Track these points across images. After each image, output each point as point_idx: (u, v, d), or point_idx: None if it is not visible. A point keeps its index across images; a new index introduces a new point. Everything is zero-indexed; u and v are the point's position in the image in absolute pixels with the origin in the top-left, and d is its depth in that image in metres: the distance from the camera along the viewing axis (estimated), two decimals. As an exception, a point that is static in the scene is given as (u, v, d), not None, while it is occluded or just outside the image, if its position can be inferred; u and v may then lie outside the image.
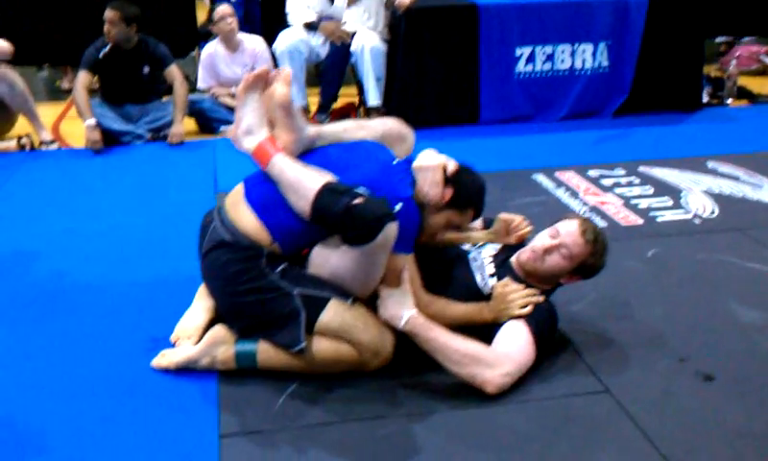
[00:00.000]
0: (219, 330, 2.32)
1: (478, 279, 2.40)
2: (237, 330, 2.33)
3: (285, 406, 2.17)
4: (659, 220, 3.49)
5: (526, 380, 2.24)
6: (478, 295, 2.37)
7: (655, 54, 5.19)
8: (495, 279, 2.39)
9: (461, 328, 2.24)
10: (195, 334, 2.43)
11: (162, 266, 3.06)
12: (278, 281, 2.21)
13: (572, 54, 5.16)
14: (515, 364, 2.20)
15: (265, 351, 2.26)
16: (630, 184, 3.95)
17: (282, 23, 5.31)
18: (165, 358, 2.34)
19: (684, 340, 2.50)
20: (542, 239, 2.38)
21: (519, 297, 2.31)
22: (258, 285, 2.21)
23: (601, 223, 3.43)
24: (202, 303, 2.56)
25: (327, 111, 5.19)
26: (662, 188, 3.88)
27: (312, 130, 2.35)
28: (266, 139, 2.27)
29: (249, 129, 2.29)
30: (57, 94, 6.20)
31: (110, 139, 4.71)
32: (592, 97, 5.22)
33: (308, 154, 2.33)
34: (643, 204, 3.68)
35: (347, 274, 2.20)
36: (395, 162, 2.33)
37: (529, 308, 2.29)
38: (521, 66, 5.10)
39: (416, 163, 2.34)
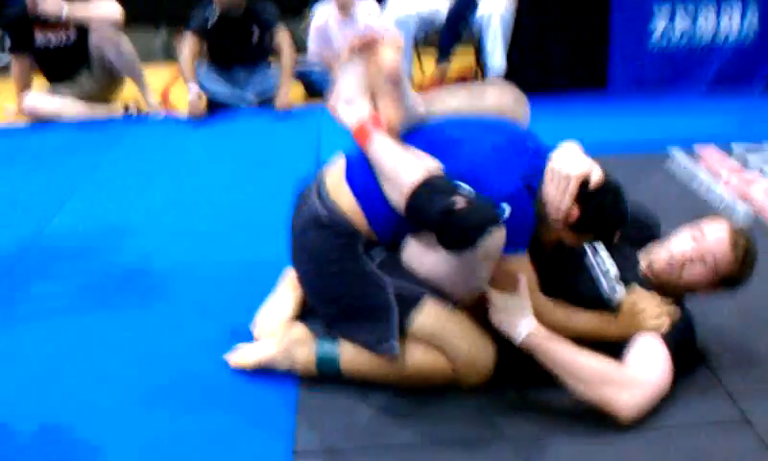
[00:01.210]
0: (300, 330, 2.10)
1: (603, 284, 2.04)
2: (323, 319, 2.10)
3: (369, 422, 1.92)
4: (814, 214, 3.01)
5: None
6: (603, 305, 2.02)
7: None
8: (623, 285, 2.04)
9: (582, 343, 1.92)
10: (277, 330, 2.21)
11: (256, 246, 2.86)
12: (374, 270, 1.97)
13: (717, 15, 4.61)
14: (652, 387, 1.87)
15: (349, 356, 2.01)
16: (781, 169, 3.45)
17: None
18: (242, 356, 2.13)
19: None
20: (682, 244, 2.00)
21: (652, 310, 1.96)
22: (352, 269, 1.98)
23: (743, 218, 2.98)
24: (287, 294, 2.35)
25: (447, 57, 4.84)
26: (819, 175, 3.37)
27: (422, 104, 2.08)
28: (368, 117, 2.00)
29: (349, 99, 2.04)
30: (174, 56, 6.13)
31: (217, 104, 4.58)
32: (739, 66, 4.66)
33: (415, 132, 2.05)
34: (796, 193, 3.19)
35: (444, 279, 1.92)
36: (523, 143, 1.99)
37: (665, 324, 1.94)
38: (659, 28, 4.61)
39: (554, 160, 1.92)
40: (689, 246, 1.99)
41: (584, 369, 1.84)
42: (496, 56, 4.66)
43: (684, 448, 1.80)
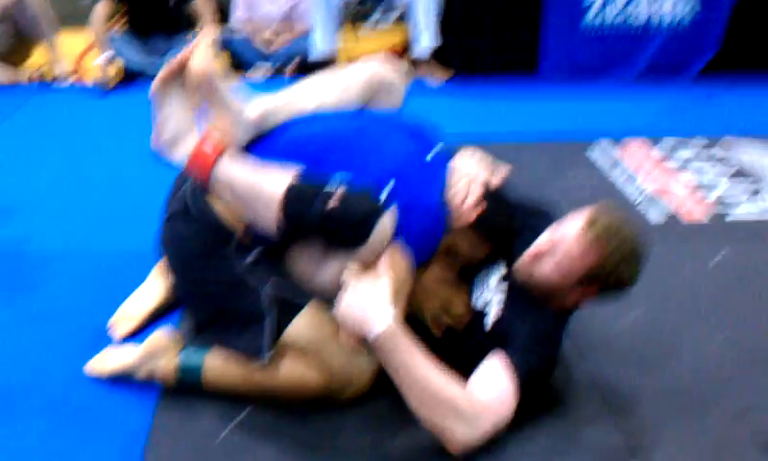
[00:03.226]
0: (161, 337, 1.92)
1: (476, 293, 1.89)
2: (192, 321, 1.95)
3: (228, 440, 1.76)
4: (732, 215, 2.91)
5: (525, 423, 1.75)
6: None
7: (752, 2, 4.46)
8: (499, 296, 1.87)
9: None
10: (137, 319, 2.12)
11: (147, 235, 2.66)
12: (245, 275, 1.81)
13: (652, 1, 4.48)
14: (493, 422, 1.67)
15: (212, 368, 1.85)
16: (703, 165, 3.34)
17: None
18: (100, 362, 1.96)
19: (744, 387, 1.97)
20: (540, 238, 1.79)
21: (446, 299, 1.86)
22: (219, 276, 1.82)
23: (661, 215, 2.89)
24: (157, 283, 2.21)
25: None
26: (743, 173, 3.27)
27: (255, 110, 1.83)
28: (201, 141, 1.78)
29: (176, 135, 1.79)
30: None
31: (134, 74, 4.34)
32: (674, 52, 4.54)
33: (270, 142, 1.83)
34: (716, 192, 3.09)
35: (333, 284, 1.75)
36: (429, 156, 1.90)
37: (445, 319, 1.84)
38: (593, 11, 4.46)
39: (458, 161, 1.91)
40: (543, 240, 1.78)
41: (434, 395, 1.62)
42: (425, 31, 4.43)
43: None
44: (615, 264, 1.70)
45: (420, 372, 1.61)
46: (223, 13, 4.78)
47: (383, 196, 1.70)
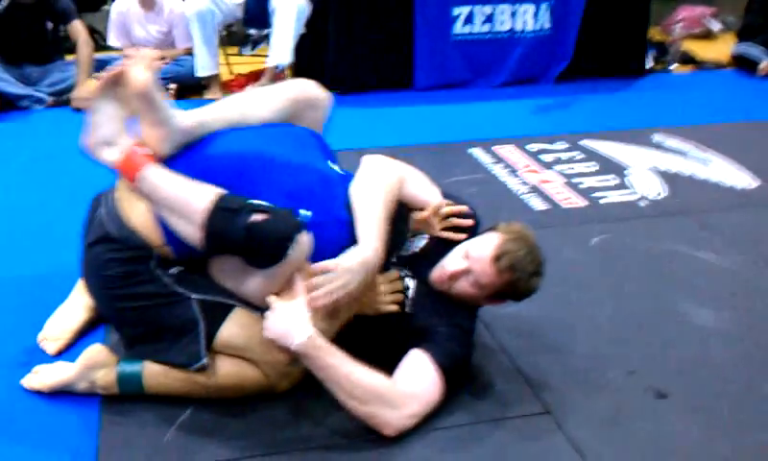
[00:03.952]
0: (97, 351, 1.97)
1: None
2: (124, 341, 2.01)
3: (174, 440, 1.84)
4: (602, 202, 3.23)
5: (450, 400, 1.94)
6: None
7: (599, 15, 4.91)
8: (413, 281, 2.06)
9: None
10: (65, 337, 2.16)
11: (50, 257, 2.67)
12: (172, 285, 1.89)
13: (513, 15, 4.84)
14: (420, 404, 1.88)
15: (152, 374, 1.93)
16: (572, 160, 3.68)
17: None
18: (37, 378, 1.99)
19: (632, 348, 2.25)
20: (452, 261, 2.01)
21: (384, 290, 2.00)
22: (146, 291, 1.89)
23: (542, 205, 3.17)
24: (81, 300, 2.24)
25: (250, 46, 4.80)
26: (606, 165, 3.62)
27: (188, 118, 1.93)
28: (132, 148, 1.87)
29: (107, 139, 1.88)
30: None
31: (6, 104, 4.25)
32: (534, 62, 4.92)
33: (194, 157, 1.91)
34: (586, 182, 3.42)
35: (255, 295, 1.87)
36: (332, 170, 2.02)
37: (392, 307, 1.99)
38: (458, 28, 4.77)
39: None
40: (456, 262, 1.99)
41: (360, 386, 1.81)
42: (282, 46, 4.46)
43: (481, 443, 1.87)
44: (523, 286, 1.98)
45: (344, 370, 1.80)
46: (98, 39, 4.76)
47: (303, 214, 1.83)
